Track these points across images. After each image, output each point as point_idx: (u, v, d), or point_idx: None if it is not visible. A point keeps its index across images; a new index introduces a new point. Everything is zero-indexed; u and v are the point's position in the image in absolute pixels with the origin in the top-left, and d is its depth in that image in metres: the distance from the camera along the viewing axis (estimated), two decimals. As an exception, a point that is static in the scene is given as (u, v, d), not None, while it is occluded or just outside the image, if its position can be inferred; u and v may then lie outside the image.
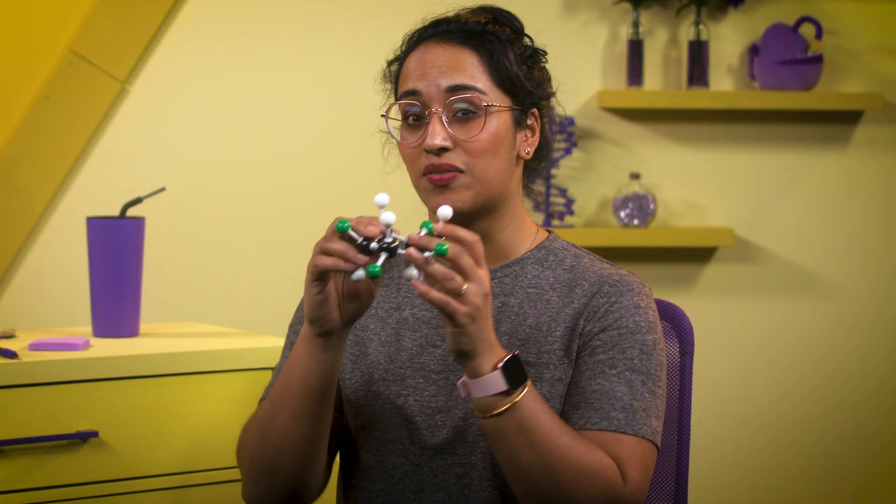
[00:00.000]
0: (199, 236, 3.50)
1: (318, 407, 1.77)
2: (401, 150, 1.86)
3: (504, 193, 1.86)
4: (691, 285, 3.81)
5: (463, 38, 1.84)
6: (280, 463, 1.80)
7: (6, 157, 3.33)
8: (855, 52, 3.83)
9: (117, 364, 2.25)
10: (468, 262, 1.64)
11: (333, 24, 3.57)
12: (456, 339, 1.66)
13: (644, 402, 1.79)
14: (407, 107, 1.84)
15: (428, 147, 1.81)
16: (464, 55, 1.84)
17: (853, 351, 3.87)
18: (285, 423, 1.78)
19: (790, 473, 3.86)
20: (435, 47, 1.85)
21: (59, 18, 3.37)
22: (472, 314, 1.64)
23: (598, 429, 1.77)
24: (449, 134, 1.81)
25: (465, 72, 1.82)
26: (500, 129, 1.83)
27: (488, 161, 1.82)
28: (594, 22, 3.73)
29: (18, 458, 2.17)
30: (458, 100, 1.81)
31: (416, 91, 1.83)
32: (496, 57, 1.84)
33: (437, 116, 1.81)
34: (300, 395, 1.77)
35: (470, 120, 1.82)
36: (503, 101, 1.84)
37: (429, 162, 1.82)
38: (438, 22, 1.88)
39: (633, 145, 3.77)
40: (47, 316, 3.34)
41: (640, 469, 1.76)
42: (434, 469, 1.84)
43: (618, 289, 1.85)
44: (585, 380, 1.81)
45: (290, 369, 1.78)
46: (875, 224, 3.86)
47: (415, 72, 1.84)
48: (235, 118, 3.52)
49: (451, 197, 1.82)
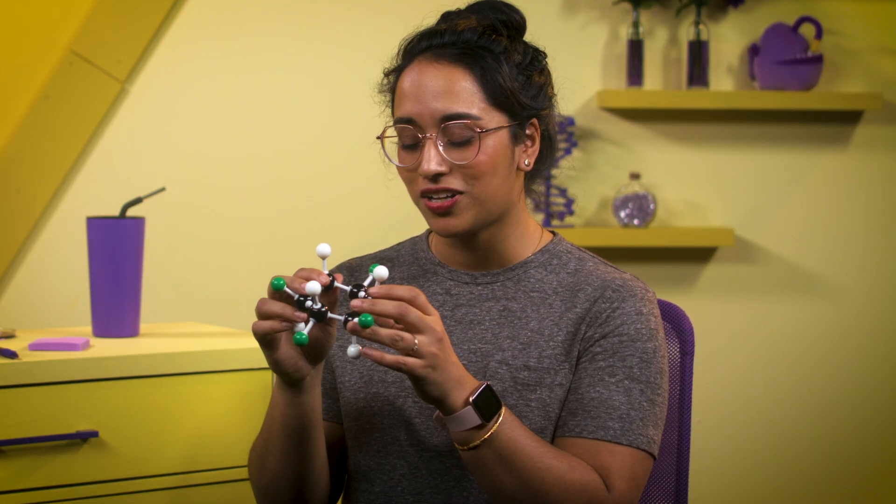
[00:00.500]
0: (199, 236, 3.50)
1: (305, 446, 1.81)
2: (398, 171, 1.86)
3: (506, 206, 1.86)
4: (691, 285, 3.81)
5: (456, 57, 1.82)
6: (279, 494, 1.85)
7: (6, 157, 3.33)
8: (855, 52, 3.83)
9: (117, 364, 2.25)
10: (415, 316, 1.64)
11: (333, 24, 3.57)
12: (421, 389, 1.68)
13: (641, 412, 1.80)
14: (402, 133, 1.84)
15: (423, 173, 1.80)
16: (457, 76, 1.81)
17: (853, 351, 3.87)
18: (277, 461, 1.83)
19: (790, 473, 3.86)
20: (428, 67, 1.83)
21: (59, 18, 3.36)
22: (430, 364, 1.66)
23: (593, 438, 1.78)
24: (444, 159, 1.80)
25: (458, 97, 1.81)
26: (497, 149, 1.82)
27: (487, 181, 1.82)
28: (594, 22, 3.73)
29: (18, 458, 2.17)
30: (453, 126, 1.80)
31: (410, 119, 1.82)
32: (490, 74, 1.81)
33: (431, 142, 1.80)
34: (285, 438, 1.80)
35: (465, 144, 1.81)
36: (499, 121, 1.82)
37: (425, 187, 1.81)
38: (432, 34, 1.85)
39: (633, 145, 3.77)
40: (47, 316, 3.34)
41: (628, 479, 1.77)
42: (432, 471, 1.84)
43: (620, 294, 1.84)
44: (584, 387, 1.81)
45: (272, 412, 1.82)
46: (875, 224, 3.86)
47: (409, 95, 1.82)
48: (235, 118, 3.52)
49: (452, 221, 1.82)
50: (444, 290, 1.90)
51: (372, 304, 1.63)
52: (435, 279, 1.92)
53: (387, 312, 1.63)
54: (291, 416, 1.78)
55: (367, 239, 3.46)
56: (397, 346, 1.64)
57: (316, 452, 1.83)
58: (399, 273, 1.95)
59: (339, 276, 1.70)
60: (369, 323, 1.62)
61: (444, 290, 1.90)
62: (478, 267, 1.90)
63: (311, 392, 1.78)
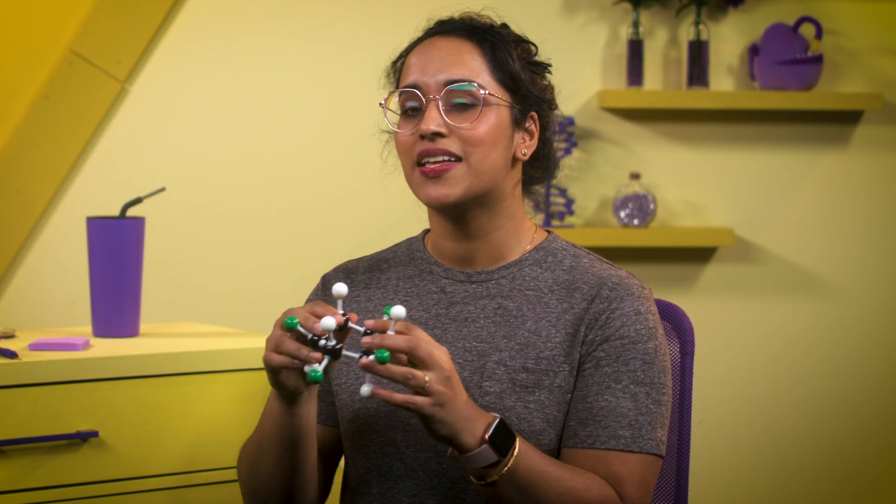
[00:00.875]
0: (199, 236, 3.50)
1: (299, 453, 1.81)
2: (396, 139, 1.86)
3: (498, 190, 1.86)
4: (691, 285, 3.81)
5: (466, 33, 1.85)
6: (270, 496, 1.85)
7: (6, 157, 3.33)
8: (855, 52, 3.83)
9: (117, 364, 2.25)
10: (424, 351, 1.64)
11: (333, 24, 3.57)
12: (430, 428, 1.67)
13: (649, 415, 1.80)
14: (406, 100, 1.85)
15: (423, 132, 1.81)
16: (466, 48, 1.84)
17: (853, 351, 3.87)
18: (269, 466, 1.83)
19: (790, 473, 3.86)
20: (438, 40, 1.85)
21: (59, 18, 3.36)
22: (438, 403, 1.65)
23: (605, 448, 1.79)
24: (444, 121, 1.81)
25: (465, 65, 1.83)
26: (498, 123, 1.83)
27: (484, 152, 1.82)
28: (594, 22, 3.73)
29: (18, 458, 2.17)
30: (455, 91, 1.81)
31: (415, 84, 1.83)
32: (499, 53, 1.84)
33: (433, 103, 1.81)
34: (279, 444, 1.81)
35: (467, 110, 1.82)
36: (503, 97, 1.84)
37: (423, 148, 1.81)
38: (443, 21, 1.89)
39: (633, 145, 3.77)
40: (47, 316, 3.34)
41: (640, 485, 1.78)
42: (429, 472, 1.84)
43: (617, 293, 1.84)
44: (592, 395, 1.81)
45: (267, 420, 1.82)
46: (875, 224, 3.86)
47: (416, 65, 1.85)
48: (235, 118, 3.52)
49: (445, 187, 1.81)
50: (439, 289, 1.90)
51: (382, 338, 1.63)
52: (430, 278, 1.92)
53: (397, 347, 1.63)
54: (286, 425, 1.79)
55: (367, 239, 3.46)
56: (409, 383, 1.63)
57: (308, 459, 1.83)
58: (395, 273, 1.95)
59: (353, 315, 1.68)
60: (386, 359, 1.62)
61: (438, 288, 1.90)
62: (472, 263, 1.90)
63: (308, 404, 1.79)
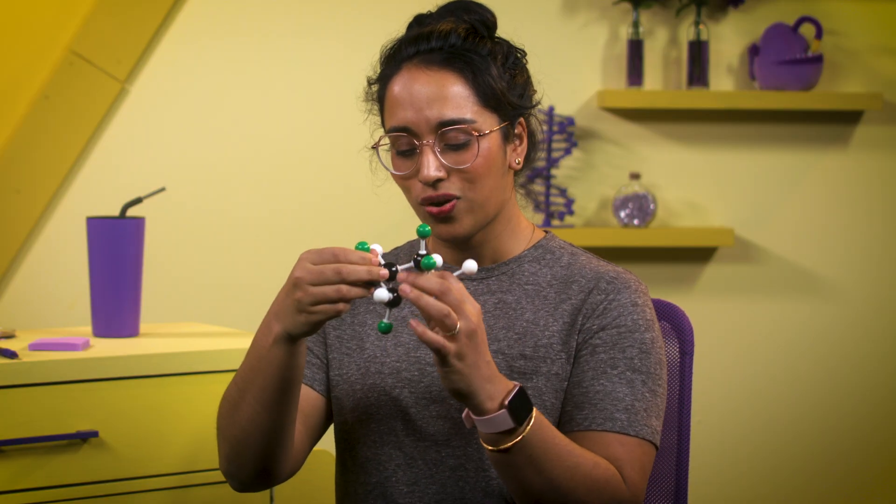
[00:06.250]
0: (199, 236, 3.50)
1: (284, 397, 1.76)
2: (395, 178, 1.86)
3: (500, 206, 1.87)
4: (691, 285, 3.81)
5: (445, 62, 1.83)
6: (248, 445, 1.79)
7: (6, 157, 3.33)
8: (855, 52, 3.83)
9: (117, 364, 2.25)
10: (455, 298, 1.63)
11: (333, 24, 3.57)
12: (448, 378, 1.65)
13: (645, 402, 1.81)
14: (398, 141, 1.84)
15: (423, 179, 1.81)
16: (449, 80, 1.82)
17: (853, 351, 3.87)
18: (251, 409, 1.77)
19: (790, 473, 3.86)
20: (419, 73, 1.83)
21: (59, 18, 3.37)
22: (459, 352, 1.63)
23: (602, 429, 1.79)
24: (442, 164, 1.81)
25: (452, 101, 1.81)
26: (491, 150, 1.83)
27: (483, 184, 1.83)
28: (594, 22, 3.73)
29: (18, 458, 2.17)
30: (449, 132, 1.81)
31: (405, 127, 1.82)
32: (480, 77, 1.82)
33: (428, 148, 1.81)
34: (265, 386, 1.75)
35: (462, 148, 1.82)
36: (492, 122, 1.84)
37: (426, 194, 1.82)
38: (418, 39, 1.85)
39: (633, 145, 3.77)
40: (47, 316, 3.34)
41: (639, 470, 1.78)
42: (428, 461, 1.85)
43: (615, 286, 1.86)
44: (588, 380, 1.82)
45: (255, 362, 1.75)
46: (875, 224, 3.86)
47: (402, 103, 1.83)
48: (235, 118, 3.52)
49: (454, 227, 1.83)
50: (440, 288, 1.91)
51: (416, 277, 1.62)
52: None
53: (430, 288, 1.62)
54: (284, 367, 1.73)
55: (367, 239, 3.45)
56: (446, 321, 1.61)
57: (293, 407, 1.78)
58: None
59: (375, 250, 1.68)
60: (432, 265, 1.62)
61: (439, 286, 1.91)
62: None
63: (302, 346, 1.74)
